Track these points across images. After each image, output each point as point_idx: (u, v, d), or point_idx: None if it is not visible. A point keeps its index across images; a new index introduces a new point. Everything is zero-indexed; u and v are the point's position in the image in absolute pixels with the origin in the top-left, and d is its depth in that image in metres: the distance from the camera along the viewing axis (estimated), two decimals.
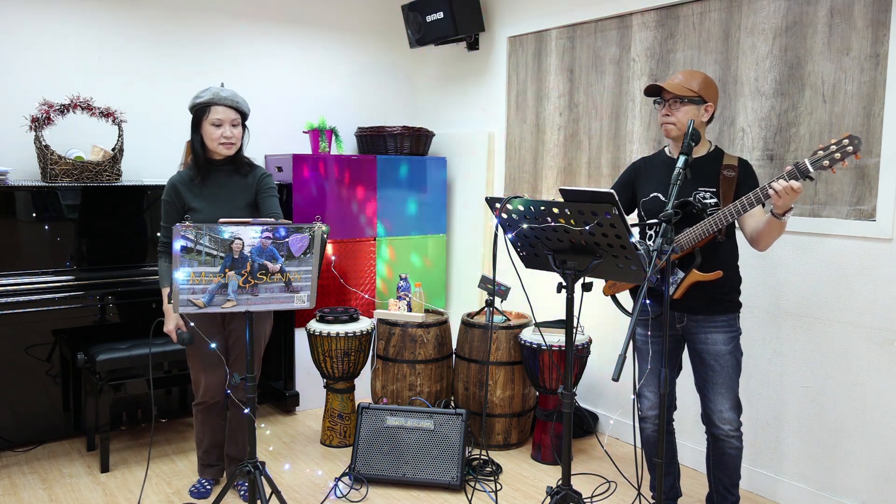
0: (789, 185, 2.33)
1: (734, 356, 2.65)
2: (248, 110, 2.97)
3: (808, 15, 3.00)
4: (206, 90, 2.89)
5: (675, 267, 2.62)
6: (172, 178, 2.97)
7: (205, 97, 2.87)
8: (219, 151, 2.91)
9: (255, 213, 3.01)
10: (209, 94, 2.88)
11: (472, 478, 3.36)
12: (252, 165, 3.04)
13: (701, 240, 2.54)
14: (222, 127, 2.87)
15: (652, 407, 2.78)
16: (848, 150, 2.30)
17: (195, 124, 2.91)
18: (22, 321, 3.46)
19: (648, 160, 2.83)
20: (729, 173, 2.59)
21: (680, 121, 2.60)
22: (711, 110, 2.62)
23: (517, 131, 4.44)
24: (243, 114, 2.94)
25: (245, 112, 2.95)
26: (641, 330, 2.74)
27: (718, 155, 2.66)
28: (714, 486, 2.77)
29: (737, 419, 2.66)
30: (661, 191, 2.68)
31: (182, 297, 2.35)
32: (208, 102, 2.86)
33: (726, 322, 2.65)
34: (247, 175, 3.00)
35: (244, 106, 2.94)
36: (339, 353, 3.67)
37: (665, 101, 2.63)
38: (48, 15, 3.81)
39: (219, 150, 2.90)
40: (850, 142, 2.30)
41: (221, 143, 2.88)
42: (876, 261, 2.85)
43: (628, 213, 2.88)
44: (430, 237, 4.73)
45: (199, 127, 2.90)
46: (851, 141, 2.30)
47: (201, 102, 2.87)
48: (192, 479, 3.32)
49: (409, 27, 4.65)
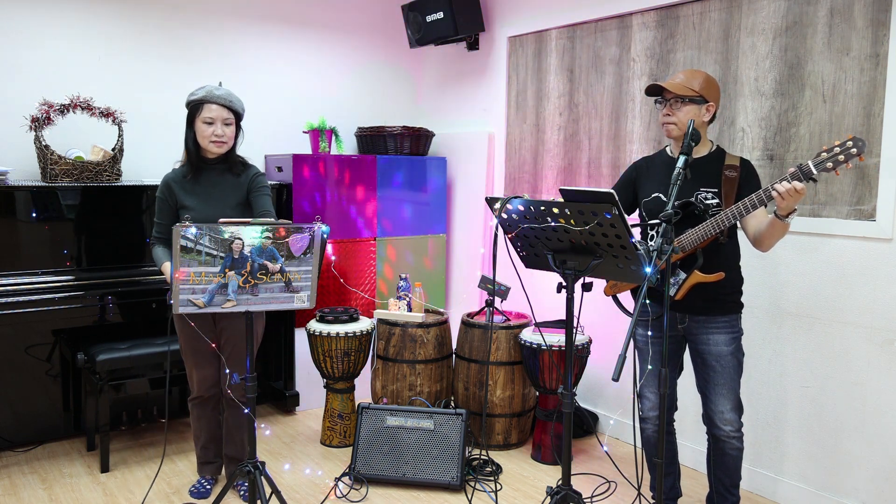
0: (792, 188, 2.31)
1: (735, 357, 2.65)
2: (242, 110, 2.98)
3: (808, 15, 3.00)
4: (202, 87, 2.91)
5: (677, 268, 2.62)
6: (166, 175, 2.99)
7: (199, 94, 2.89)
8: (209, 149, 2.92)
9: (247, 212, 3.02)
10: (203, 91, 2.89)
11: (472, 478, 3.36)
12: (245, 165, 3.05)
13: (703, 241, 2.54)
14: (214, 125, 2.88)
15: (653, 408, 2.78)
16: (852, 151, 2.28)
17: (189, 121, 2.92)
18: (22, 321, 3.46)
19: (650, 160, 2.83)
20: (731, 174, 2.57)
21: (681, 121, 2.59)
22: (713, 110, 2.61)
23: (517, 131, 4.44)
24: (237, 113, 2.95)
25: (238, 112, 2.95)
26: (642, 330, 2.73)
27: (720, 155, 2.65)
28: (714, 487, 2.77)
29: (738, 420, 2.65)
30: (663, 191, 2.68)
31: (182, 297, 2.35)
32: (202, 100, 2.88)
33: (728, 323, 2.64)
34: (239, 174, 3.02)
35: (238, 105, 2.95)
36: (339, 353, 3.67)
37: (666, 101, 2.62)
38: (48, 15, 3.81)
39: (209, 148, 2.91)
40: (853, 143, 2.27)
41: (212, 140, 2.89)
42: (876, 261, 2.85)
43: (629, 213, 2.87)
44: (430, 237, 4.73)
45: (193, 124, 2.91)
46: (855, 143, 2.27)
47: (195, 99, 2.89)
48: (192, 478, 3.32)
49: (409, 27, 4.65)
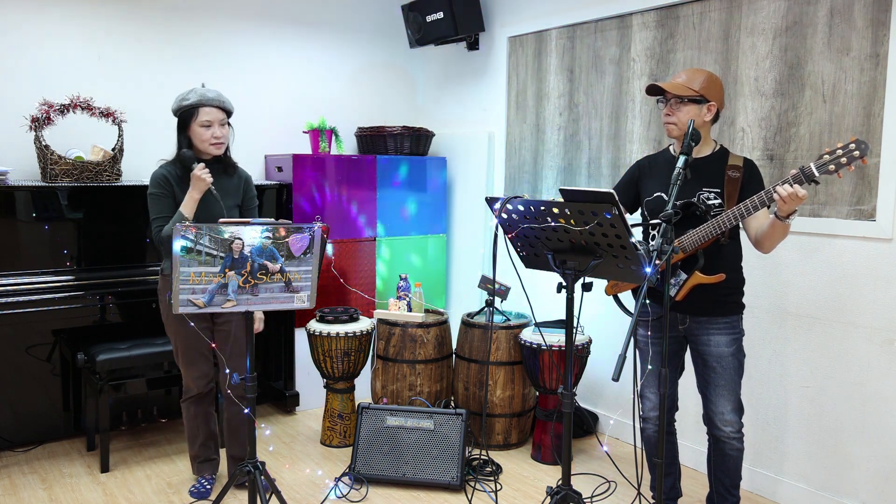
0: (794, 192, 2.30)
1: (736, 358, 2.64)
2: (233, 109, 3.01)
3: (808, 15, 3.00)
4: (191, 91, 2.92)
5: (678, 269, 2.61)
6: (158, 170, 2.96)
7: (192, 99, 2.89)
8: (209, 152, 2.93)
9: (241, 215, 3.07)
10: (195, 95, 2.90)
11: (472, 478, 3.36)
12: (235, 166, 3.09)
13: (704, 242, 2.53)
14: (212, 127, 2.89)
15: (653, 408, 2.78)
16: (854, 154, 2.25)
17: (182, 126, 2.93)
18: (22, 321, 3.46)
19: (652, 158, 2.82)
20: (734, 174, 2.56)
21: (681, 120, 2.58)
22: (714, 110, 2.59)
23: (517, 131, 4.44)
24: (229, 113, 2.97)
25: (231, 111, 2.98)
26: (643, 331, 2.72)
27: (723, 155, 2.63)
28: (715, 487, 2.76)
29: (738, 421, 2.65)
30: (664, 190, 2.67)
31: (182, 297, 2.35)
32: (196, 104, 2.88)
33: (729, 324, 2.64)
34: (233, 175, 3.05)
35: (230, 105, 2.98)
36: (339, 353, 3.67)
37: (667, 101, 2.61)
38: (48, 15, 3.81)
39: (210, 151, 2.93)
40: (856, 146, 2.25)
41: (212, 143, 2.90)
42: (876, 261, 2.85)
43: (632, 213, 2.87)
44: (430, 237, 4.73)
45: (187, 129, 2.92)
46: (858, 145, 2.25)
47: (188, 105, 2.89)
48: (193, 478, 3.32)
49: (409, 27, 4.65)
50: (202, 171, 2.82)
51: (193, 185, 2.84)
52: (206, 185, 2.83)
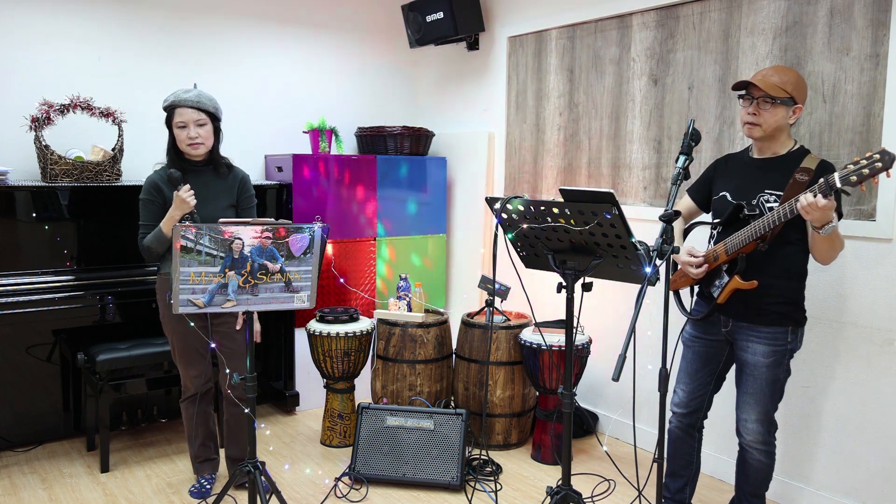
0: (814, 202, 2.20)
1: (772, 371, 2.52)
2: (216, 109, 2.98)
3: (808, 15, 3.00)
4: (172, 93, 2.95)
5: (723, 270, 2.57)
6: (152, 176, 2.99)
7: (168, 100, 2.93)
8: (188, 152, 2.96)
9: (238, 215, 3.07)
10: (172, 96, 2.93)
11: (472, 478, 3.36)
12: (230, 167, 3.09)
13: (742, 246, 2.46)
14: (187, 128, 2.91)
15: (679, 403, 2.76)
16: (877, 165, 2.16)
17: (168, 127, 2.96)
18: (22, 321, 3.46)
19: (731, 157, 2.69)
20: (801, 177, 2.38)
21: (767, 122, 2.43)
22: (800, 113, 2.46)
23: (517, 131, 4.44)
24: (209, 113, 2.95)
25: (210, 111, 2.95)
26: (690, 329, 2.72)
27: (800, 156, 2.47)
28: (736, 492, 2.76)
29: (763, 432, 2.57)
30: (730, 190, 2.59)
31: (182, 297, 2.35)
32: (171, 105, 2.92)
33: (770, 335, 2.51)
34: (226, 177, 3.05)
35: (208, 105, 2.95)
36: (339, 353, 3.67)
37: (753, 99, 2.45)
38: (48, 15, 3.81)
39: (188, 151, 2.95)
40: (880, 157, 2.16)
41: (188, 143, 2.92)
42: (876, 261, 2.85)
43: (706, 212, 2.78)
44: (430, 237, 4.73)
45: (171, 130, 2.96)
46: (882, 157, 2.16)
47: (165, 106, 2.94)
48: (193, 478, 3.32)
49: (409, 27, 4.65)
50: (187, 193, 2.83)
51: (176, 205, 2.84)
52: (189, 207, 2.83)
